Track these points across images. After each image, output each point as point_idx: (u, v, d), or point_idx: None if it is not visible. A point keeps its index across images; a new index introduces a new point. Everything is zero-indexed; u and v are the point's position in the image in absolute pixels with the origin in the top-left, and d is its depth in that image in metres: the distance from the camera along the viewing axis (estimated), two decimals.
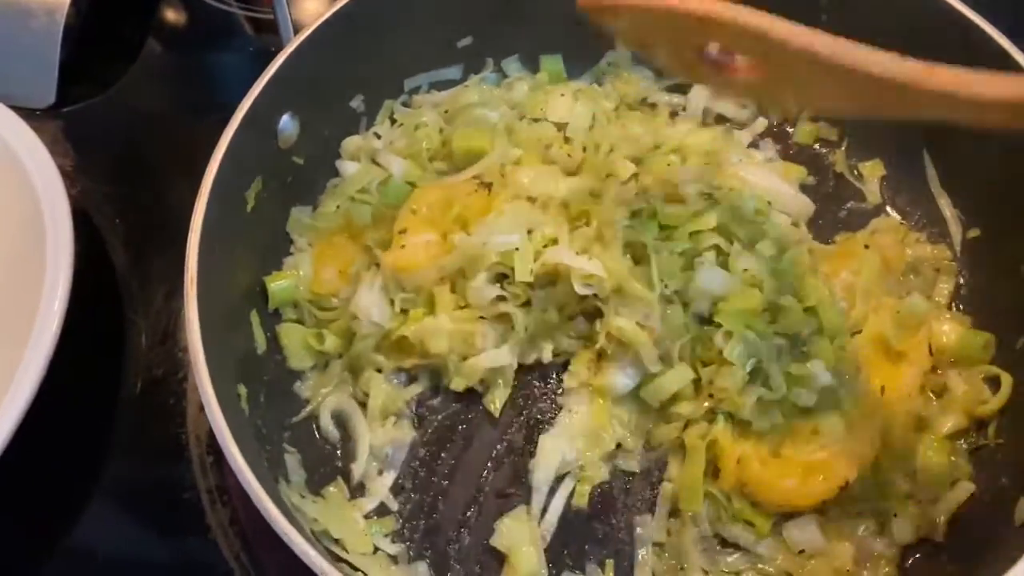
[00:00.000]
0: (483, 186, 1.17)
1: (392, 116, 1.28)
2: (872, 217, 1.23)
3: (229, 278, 1.05)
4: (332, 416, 1.10)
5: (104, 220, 1.31)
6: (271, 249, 1.16)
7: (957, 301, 1.15)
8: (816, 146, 1.30)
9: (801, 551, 0.99)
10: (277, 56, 1.08)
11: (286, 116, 1.12)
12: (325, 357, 1.12)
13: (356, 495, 1.05)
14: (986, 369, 1.07)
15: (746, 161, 1.22)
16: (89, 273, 1.14)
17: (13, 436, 0.99)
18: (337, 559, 0.96)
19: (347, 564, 0.96)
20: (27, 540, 1.09)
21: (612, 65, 1.33)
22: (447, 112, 1.26)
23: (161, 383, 1.18)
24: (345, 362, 1.12)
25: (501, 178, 1.16)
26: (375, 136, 1.25)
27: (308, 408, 1.10)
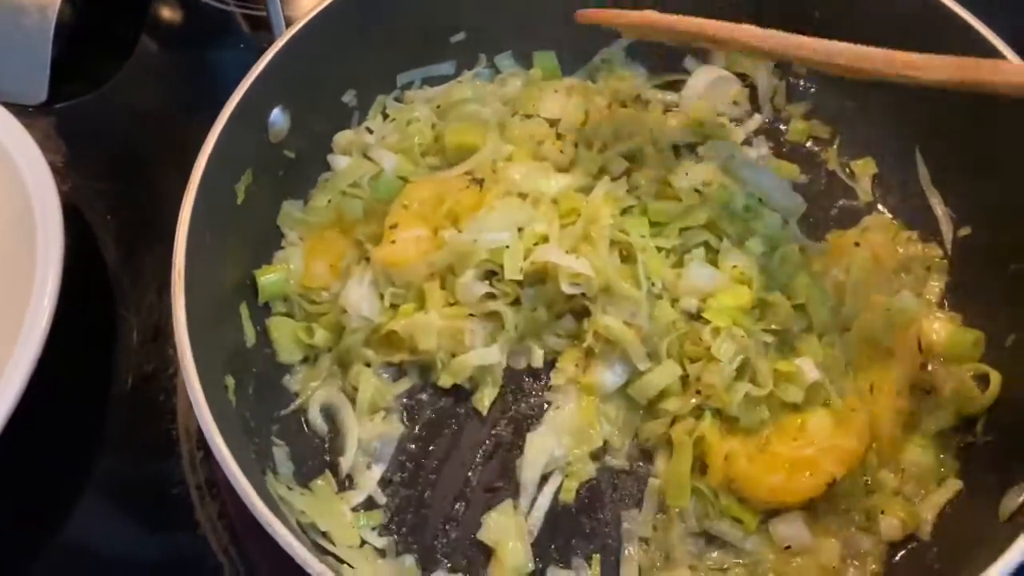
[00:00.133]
0: (475, 182, 1.17)
1: (384, 111, 1.28)
2: (863, 215, 1.23)
3: (219, 271, 1.05)
4: (321, 409, 1.10)
5: (95, 216, 1.31)
6: (262, 243, 1.16)
7: (947, 299, 1.15)
8: (808, 144, 1.30)
9: (787, 547, 0.99)
10: (268, 50, 1.08)
11: (277, 110, 1.12)
12: (315, 351, 1.13)
13: (344, 488, 1.05)
14: (975, 367, 1.06)
15: (739, 158, 1.22)
16: (80, 269, 1.15)
17: (3, 432, 0.99)
18: (324, 552, 0.96)
19: (334, 557, 0.97)
20: (18, 535, 1.10)
21: (606, 62, 1.33)
22: (439, 107, 1.26)
23: (152, 379, 1.18)
24: (334, 356, 1.12)
25: (493, 174, 1.17)
26: (367, 131, 1.26)
27: (297, 401, 1.10)
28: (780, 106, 1.32)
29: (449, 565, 1.01)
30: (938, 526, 0.99)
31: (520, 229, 1.10)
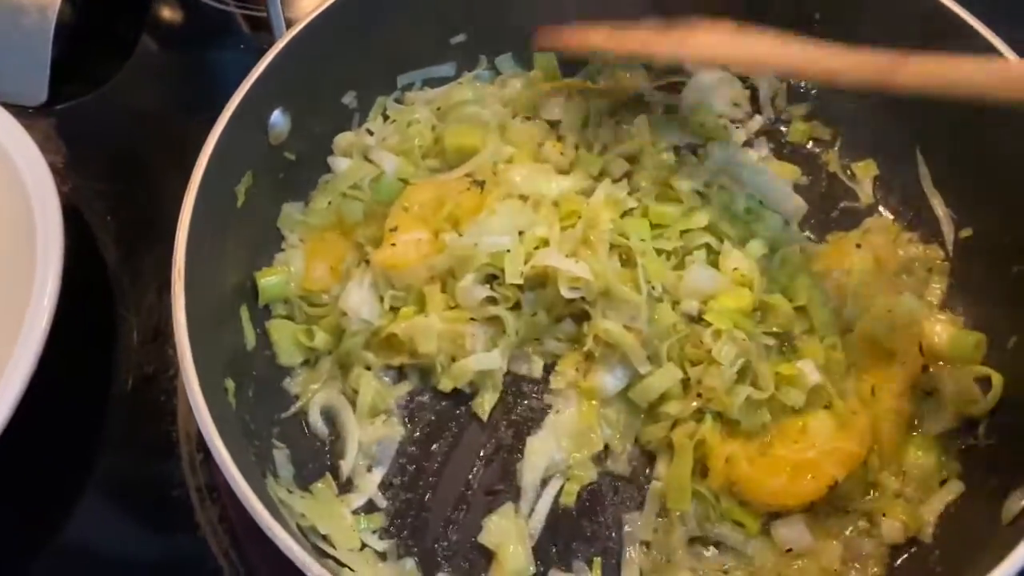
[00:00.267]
0: (475, 184, 1.17)
1: (385, 113, 1.28)
2: (865, 217, 1.22)
3: (219, 273, 1.05)
4: (321, 412, 1.10)
5: (95, 217, 1.31)
6: (262, 245, 1.15)
7: (949, 301, 1.15)
8: (809, 145, 1.30)
9: (789, 550, 0.99)
10: (268, 51, 1.07)
11: (277, 111, 1.12)
12: (315, 353, 1.12)
13: (344, 491, 1.05)
14: (977, 369, 1.06)
15: (740, 159, 1.22)
16: (80, 270, 1.15)
17: (3, 432, 0.99)
18: (324, 555, 0.96)
19: (334, 560, 0.96)
20: (18, 536, 1.09)
21: (606, 62, 1.33)
22: (439, 109, 1.26)
23: (152, 380, 1.18)
24: (335, 359, 1.11)
25: (493, 176, 1.16)
26: (367, 132, 1.25)
27: (297, 404, 1.10)
28: (781, 107, 1.32)
29: (450, 568, 1.01)
30: (940, 529, 0.99)
31: (521, 233, 1.09)
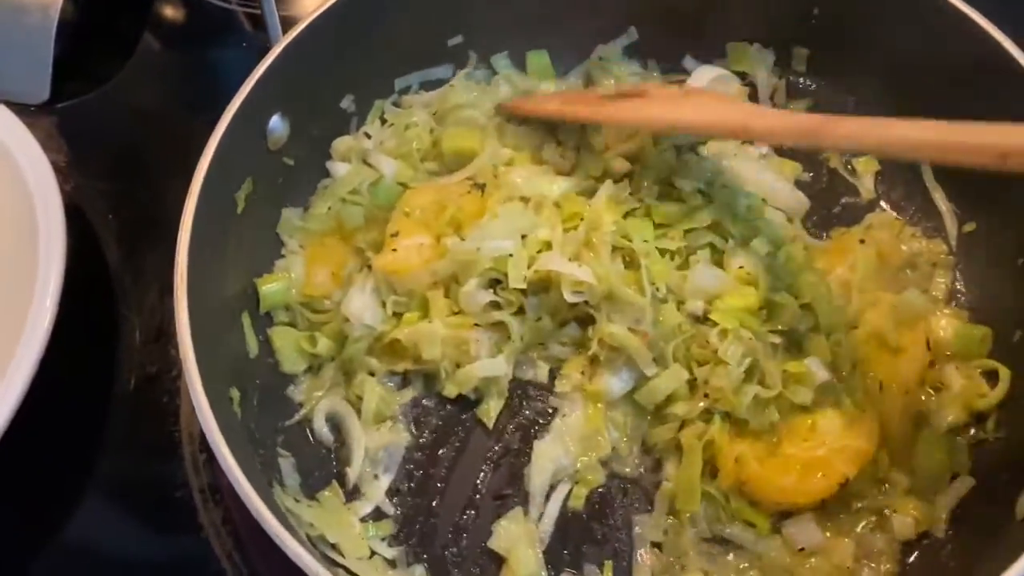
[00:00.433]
0: (476, 187, 1.16)
1: (383, 116, 1.27)
2: (867, 212, 1.22)
3: (220, 280, 1.04)
4: (326, 419, 1.09)
5: (97, 216, 1.30)
6: (262, 251, 1.14)
7: (954, 295, 1.15)
8: None
9: (801, 549, 0.98)
10: (265, 56, 1.06)
11: (276, 117, 1.11)
12: (318, 360, 1.11)
13: (352, 499, 1.04)
14: (984, 363, 1.06)
15: (741, 157, 1.21)
16: (82, 269, 1.14)
17: (5, 432, 0.99)
18: (334, 563, 0.95)
19: (344, 569, 0.95)
20: (19, 536, 1.09)
21: (603, 60, 1.32)
22: (436, 113, 1.25)
23: (154, 380, 1.17)
24: (338, 365, 1.10)
25: (494, 179, 1.15)
26: (365, 136, 1.24)
27: (302, 411, 1.09)
28: (780, 103, 1.31)
29: (460, 574, 1.00)
30: (952, 524, 0.99)
31: (523, 236, 1.09)
